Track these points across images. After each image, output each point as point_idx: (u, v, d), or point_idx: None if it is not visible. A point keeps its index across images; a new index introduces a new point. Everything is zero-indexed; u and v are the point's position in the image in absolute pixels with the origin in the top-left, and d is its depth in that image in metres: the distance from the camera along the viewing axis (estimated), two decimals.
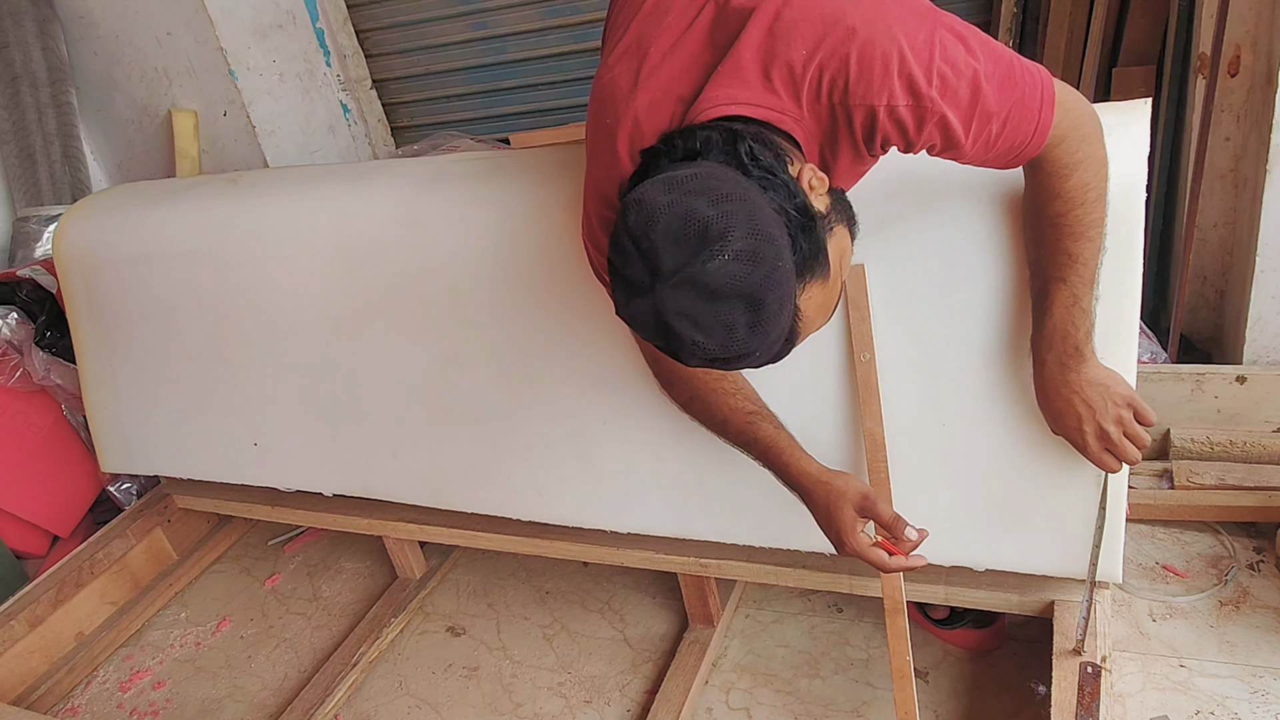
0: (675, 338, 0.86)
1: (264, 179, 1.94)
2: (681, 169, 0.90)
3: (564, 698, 1.76)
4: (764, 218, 0.85)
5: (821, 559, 1.55)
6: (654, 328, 0.88)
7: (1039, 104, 1.02)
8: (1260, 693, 1.43)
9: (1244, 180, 1.89)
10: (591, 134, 1.14)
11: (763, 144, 0.93)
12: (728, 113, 0.98)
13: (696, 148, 0.93)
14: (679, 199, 0.84)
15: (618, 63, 1.09)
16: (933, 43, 0.95)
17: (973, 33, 1.00)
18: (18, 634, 1.97)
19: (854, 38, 0.94)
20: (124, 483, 2.43)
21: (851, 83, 0.95)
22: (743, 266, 0.83)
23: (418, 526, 1.94)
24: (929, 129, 0.97)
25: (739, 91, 0.98)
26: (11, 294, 2.39)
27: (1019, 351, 1.27)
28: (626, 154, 1.05)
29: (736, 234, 0.82)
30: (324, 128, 3.02)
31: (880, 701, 1.59)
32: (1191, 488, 1.75)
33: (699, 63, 1.02)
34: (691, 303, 0.84)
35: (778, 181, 0.90)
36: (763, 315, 0.85)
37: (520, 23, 2.80)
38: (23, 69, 2.82)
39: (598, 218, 1.15)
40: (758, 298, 0.84)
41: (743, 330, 0.85)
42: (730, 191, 0.85)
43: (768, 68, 0.97)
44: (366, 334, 1.75)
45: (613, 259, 0.89)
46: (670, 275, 0.84)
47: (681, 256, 0.83)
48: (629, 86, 1.06)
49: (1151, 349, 1.96)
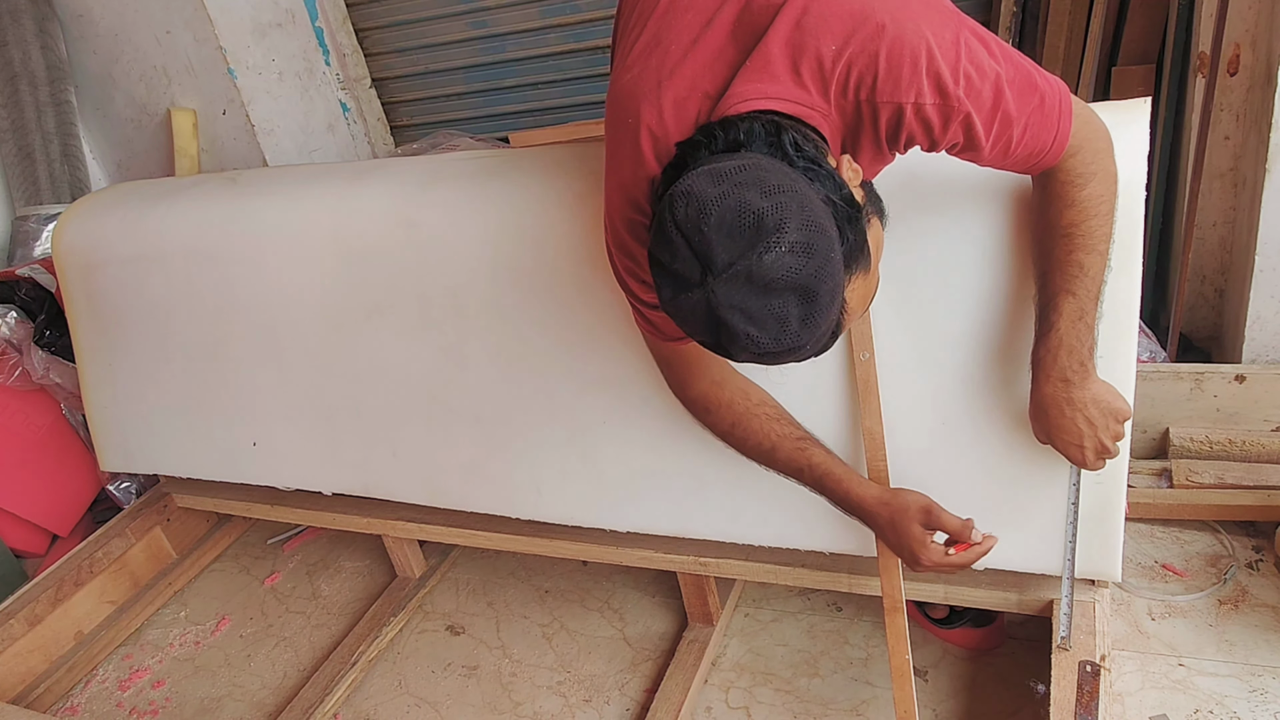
0: (728, 332, 0.85)
1: (263, 178, 1.94)
2: (727, 160, 0.88)
3: (563, 696, 1.76)
4: (815, 209, 0.84)
5: (820, 558, 1.55)
6: (704, 322, 0.86)
7: (1058, 113, 1.02)
8: (1259, 691, 1.43)
9: (1243, 179, 1.89)
10: (612, 138, 1.12)
11: (802, 135, 0.93)
12: (758, 107, 0.96)
13: (740, 139, 0.92)
14: (730, 190, 0.83)
15: (636, 63, 1.08)
16: (959, 42, 0.95)
17: (993, 37, 1.00)
18: (17, 633, 1.97)
19: (883, 34, 0.94)
20: (123, 481, 2.43)
21: (880, 80, 0.95)
22: (797, 259, 0.82)
23: (417, 525, 1.94)
24: (954, 128, 0.97)
25: (769, 86, 0.97)
26: (10, 293, 2.39)
27: (1018, 350, 1.27)
28: (651, 153, 1.04)
29: (791, 226, 0.81)
30: (323, 126, 3.02)
31: (879, 700, 1.59)
32: (1190, 487, 1.75)
33: (723, 58, 1.01)
34: (745, 296, 0.83)
35: (823, 172, 0.89)
36: (815, 308, 0.84)
37: (519, 21, 2.80)
38: (21, 67, 2.82)
39: (624, 221, 1.11)
40: (812, 290, 0.83)
41: (795, 323, 0.84)
42: (781, 183, 0.83)
43: (797, 62, 0.97)
44: (366, 333, 1.75)
45: (657, 253, 0.88)
46: (724, 269, 0.82)
47: (736, 249, 0.82)
48: (650, 86, 1.04)
49: (1151, 348, 1.96)
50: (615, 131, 1.10)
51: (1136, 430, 1.85)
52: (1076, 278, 1.12)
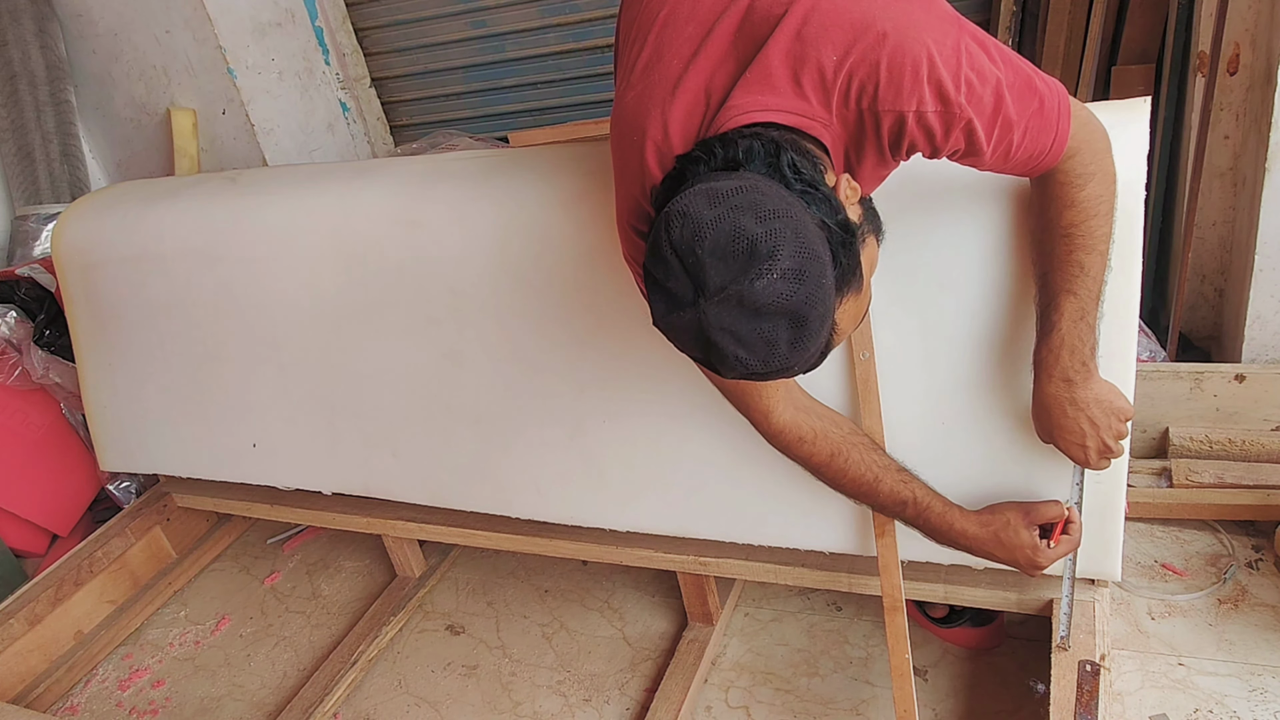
0: (717, 352, 0.86)
1: (263, 178, 1.94)
2: (724, 180, 0.88)
3: (563, 696, 1.76)
4: (809, 234, 0.85)
5: (820, 557, 1.55)
6: (695, 341, 0.88)
7: (1057, 115, 1.02)
8: (1259, 691, 1.43)
9: (1243, 178, 1.89)
10: (618, 156, 1.12)
11: (802, 155, 0.93)
12: (758, 119, 0.97)
13: (738, 157, 0.92)
14: (725, 214, 0.84)
15: (639, 80, 1.07)
16: (959, 49, 0.95)
17: (993, 41, 1.00)
18: (17, 632, 1.97)
19: (884, 43, 0.94)
20: (123, 481, 2.43)
21: (881, 88, 0.95)
22: (789, 285, 0.82)
23: (417, 525, 1.94)
24: (956, 134, 0.98)
25: (769, 98, 0.97)
26: (10, 292, 2.39)
27: (1018, 350, 1.28)
28: (656, 165, 1.04)
29: (784, 252, 0.82)
30: (323, 126, 3.02)
31: (879, 700, 1.59)
32: (1190, 486, 1.75)
33: (724, 69, 1.01)
34: (735, 319, 0.84)
35: (819, 195, 0.90)
36: (805, 332, 0.85)
37: (519, 21, 2.80)
38: (21, 67, 2.82)
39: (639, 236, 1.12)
40: (801, 315, 0.84)
41: (785, 346, 0.85)
42: (776, 207, 0.84)
43: (798, 73, 0.97)
44: (366, 333, 1.75)
45: (652, 270, 0.88)
46: (716, 292, 0.83)
47: (728, 274, 0.83)
48: (653, 102, 1.04)
49: (1150, 347, 1.96)
50: (621, 151, 1.10)
51: (1136, 430, 1.85)
52: (1077, 278, 1.12)
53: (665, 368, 1.46)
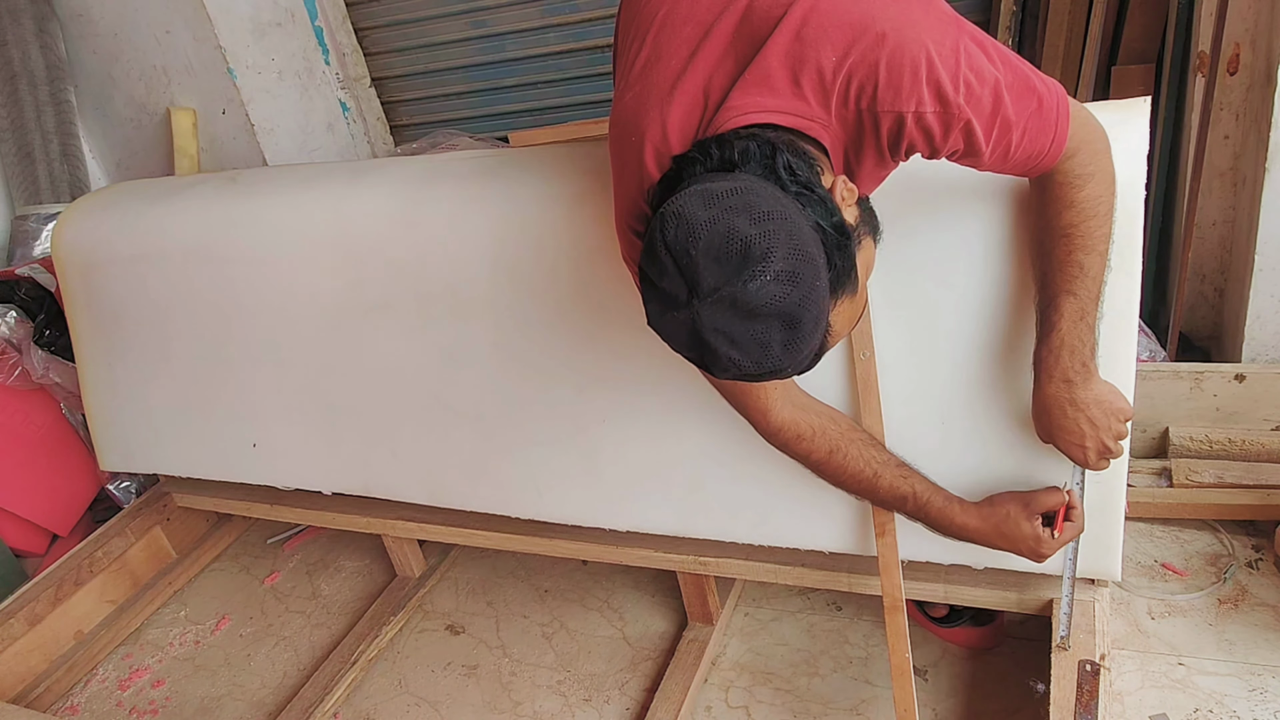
0: (710, 353, 0.87)
1: (263, 177, 1.94)
2: (719, 181, 0.88)
3: (563, 696, 1.76)
4: (803, 237, 0.85)
5: (820, 557, 1.55)
6: (688, 342, 0.88)
7: (1055, 115, 1.02)
8: (1259, 690, 1.43)
9: (1243, 178, 1.89)
10: (616, 157, 1.12)
11: (798, 156, 0.93)
12: (756, 120, 0.97)
13: (734, 159, 0.92)
14: (720, 215, 0.84)
15: (637, 81, 1.07)
16: (958, 50, 0.95)
17: (992, 42, 1.00)
18: (17, 632, 1.97)
19: (883, 44, 0.94)
20: (123, 481, 2.43)
21: (880, 89, 0.95)
22: (782, 287, 0.83)
23: (417, 525, 1.94)
24: (954, 135, 0.98)
25: (767, 99, 0.97)
26: (10, 292, 2.39)
27: (1018, 349, 1.28)
28: (654, 166, 1.04)
29: (777, 254, 0.82)
30: (323, 126, 3.02)
31: (879, 699, 1.59)
32: (1190, 486, 1.75)
33: (722, 70, 1.01)
34: (729, 321, 0.84)
35: (815, 197, 0.90)
36: (798, 334, 0.85)
37: (519, 21, 2.80)
38: (21, 67, 2.82)
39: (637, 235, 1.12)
40: (795, 317, 0.84)
41: (778, 348, 0.85)
42: (771, 209, 0.84)
43: (797, 74, 0.96)
44: (365, 332, 1.75)
45: (647, 269, 0.89)
46: (709, 293, 0.83)
47: (722, 275, 0.83)
48: (651, 103, 1.04)
49: (1150, 347, 1.96)
50: (619, 153, 1.10)
51: (1136, 429, 1.85)
52: (1077, 278, 1.12)
53: (665, 367, 1.46)
